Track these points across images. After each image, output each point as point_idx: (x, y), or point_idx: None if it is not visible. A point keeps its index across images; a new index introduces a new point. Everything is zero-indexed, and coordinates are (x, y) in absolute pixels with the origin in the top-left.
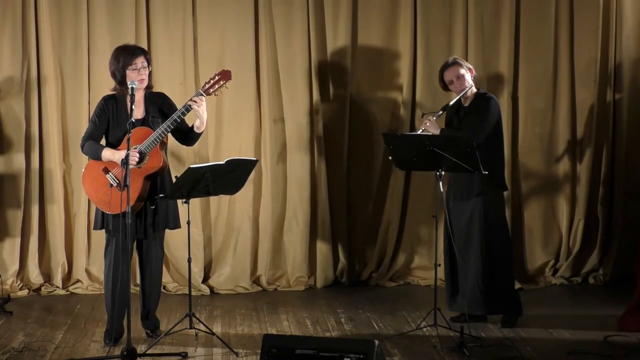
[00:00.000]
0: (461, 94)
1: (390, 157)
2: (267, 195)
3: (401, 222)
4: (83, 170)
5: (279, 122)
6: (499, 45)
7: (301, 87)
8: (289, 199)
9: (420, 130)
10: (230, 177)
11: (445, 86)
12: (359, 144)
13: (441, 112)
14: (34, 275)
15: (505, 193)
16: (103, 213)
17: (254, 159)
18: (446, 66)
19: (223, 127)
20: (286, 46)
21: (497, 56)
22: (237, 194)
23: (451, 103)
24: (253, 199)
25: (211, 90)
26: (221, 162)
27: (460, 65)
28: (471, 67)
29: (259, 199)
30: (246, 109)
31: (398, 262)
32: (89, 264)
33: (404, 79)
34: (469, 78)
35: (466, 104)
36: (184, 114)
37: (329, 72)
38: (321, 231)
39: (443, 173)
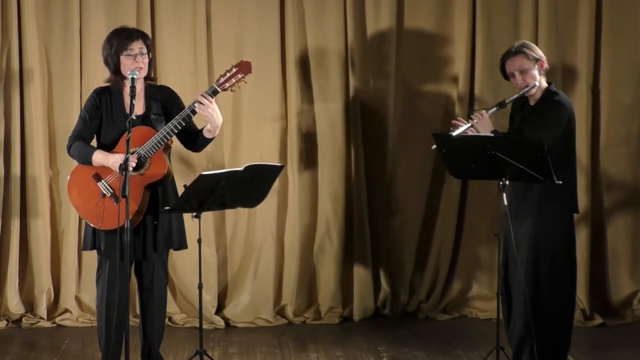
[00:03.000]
0: (523, 92)
1: (443, 163)
2: (294, 209)
3: (456, 242)
4: (68, 177)
5: (308, 120)
6: (577, 27)
7: (335, 78)
8: (321, 212)
9: (466, 127)
10: (249, 186)
11: (505, 75)
12: (405, 147)
13: (496, 108)
14: (14, 303)
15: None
16: (94, 229)
17: (279, 164)
18: (509, 54)
19: (241, 127)
20: (318, 29)
21: (573, 40)
22: (258, 207)
23: (509, 100)
24: (277, 212)
25: (227, 84)
26: (239, 168)
27: (526, 56)
28: (542, 57)
29: (284, 213)
30: (269, 105)
31: (452, 290)
32: (80, 290)
33: (460, 68)
34: (536, 73)
35: (532, 102)
36: (189, 117)
37: (368, 61)
38: (359, 252)
39: (507, 183)
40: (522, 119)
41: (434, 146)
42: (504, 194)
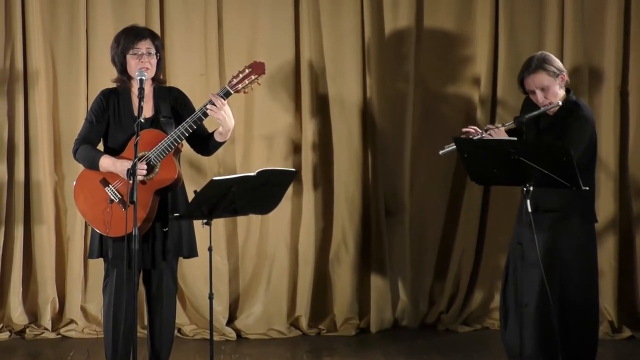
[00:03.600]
0: (544, 110)
1: (464, 168)
2: (309, 215)
3: (478, 250)
4: (75, 181)
5: (323, 123)
6: (604, 26)
7: (351, 80)
8: (336, 219)
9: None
10: (262, 191)
11: (524, 91)
12: (425, 151)
13: (512, 122)
14: (17, 314)
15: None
16: (101, 237)
17: (292, 169)
18: (529, 70)
19: (254, 130)
20: (333, 28)
21: (601, 40)
22: (271, 214)
23: (528, 116)
24: (291, 219)
25: (240, 86)
26: (251, 174)
27: (547, 72)
28: (563, 70)
29: (299, 220)
30: (283, 108)
31: (474, 301)
32: (86, 300)
33: (482, 69)
34: (557, 89)
35: (551, 113)
36: (200, 119)
37: (386, 62)
38: (376, 260)
39: (531, 189)
40: (538, 130)
41: (442, 152)
42: (528, 201)
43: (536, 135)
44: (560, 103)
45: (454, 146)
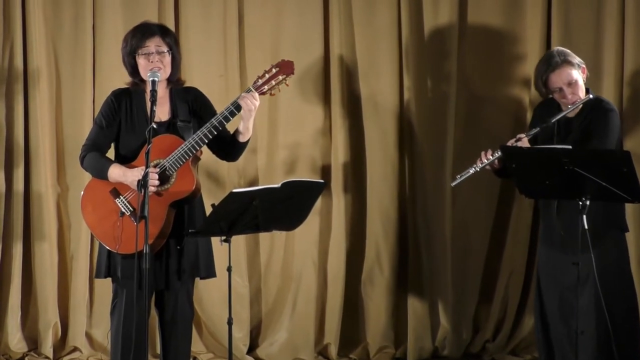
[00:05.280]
0: (573, 108)
1: (512, 180)
2: (339, 232)
3: (528, 271)
4: (83, 191)
5: (355, 129)
6: None
7: (387, 80)
8: (370, 236)
9: (493, 159)
10: (287, 205)
11: (547, 91)
12: (468, 160)
13: (538, 130)
14: (15, 340)
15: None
16: (109, 254)
17: (321, 181)
18: (554, 66)
19: (278, 137)
20: (367, 24)
21: None
22: (297, 230)
23: (555, 118)
24: (319, 236)
25: (266, 87)
26: (275, 185)
27: (572, 65)
28: (583, 63)
29: (327, 237)
30: (310, 112)
31: (523, 328)
32: (91, 325)
33: (532, 69)
34: (583, 84)
35: (571, 114)
36: (227, 119)
37: (425, 60)
38: (414, 283)
39: (588, 203)
40: (560, 139)
41: (454, 183)
42: (584, 216)
43: (560, 141)
44: (588, 97)
45: (470, 172)
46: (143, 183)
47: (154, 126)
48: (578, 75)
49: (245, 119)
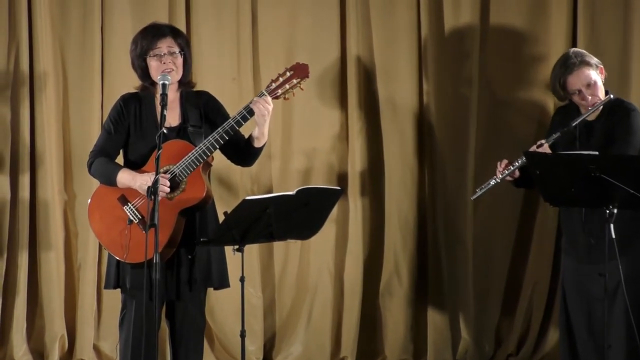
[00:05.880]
0: (593, 109)
1: (536, 187)
2: (356, 241)
3: (553, 282)
4: (90, 199)
5: (373, 134)
6: None
7: (405, 83)
8: (388, 245)
9: (514, 168)
10: (302, 213)
11: (565, 94)
12: (491, 165)
13: (558, 135)
14: (20, 353)
15: None
16: (118, 264)
17: (337, 187)
18: (572, 67)
19: (292, 143)
20: (384, 25)
21: None
22: (313, 239)
23: (575, 122)
24: (335, 245)
25: (279, 91)
26: (290, 193)
27: (591, 66)
28: (600, 63)
29: (344, 246)
30: (326, 117)
31: (548, 341)
32: (99, 338)
33: None
34: (602, 85)
35: (591, 117)
36: (239, 124)
37: (446, 63)
38: (434, 293)
39: (615, 211)
40: (580, 143)
41: (474, 196)
42: (612, 225)
43: (581, 145)
44: (608, 98)
45: (491, 184)
46: (153, 190)
47: (165, 131)
48: (596, 76)
49: (259, 124)
